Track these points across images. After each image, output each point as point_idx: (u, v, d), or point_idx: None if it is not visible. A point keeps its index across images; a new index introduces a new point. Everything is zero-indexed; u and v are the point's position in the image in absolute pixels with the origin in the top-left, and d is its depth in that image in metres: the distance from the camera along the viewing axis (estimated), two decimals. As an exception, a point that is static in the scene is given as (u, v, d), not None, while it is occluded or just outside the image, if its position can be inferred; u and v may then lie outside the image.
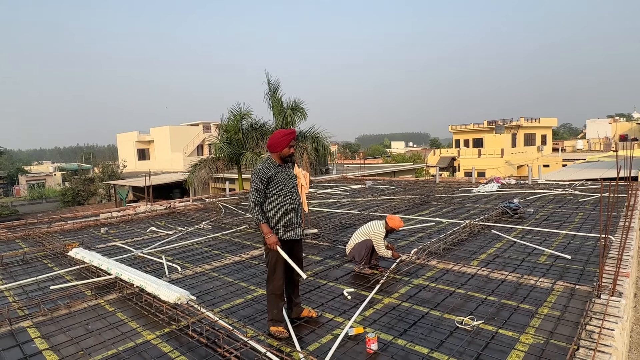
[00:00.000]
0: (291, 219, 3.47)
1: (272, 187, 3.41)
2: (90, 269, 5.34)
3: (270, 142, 3.48)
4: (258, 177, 3.38)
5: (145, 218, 10.22)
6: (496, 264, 5.12)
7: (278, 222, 3.43)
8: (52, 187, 46.64)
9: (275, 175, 3.41)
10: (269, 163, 3.46)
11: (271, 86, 17.93)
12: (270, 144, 3.48)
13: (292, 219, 3.48)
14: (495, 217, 7.86)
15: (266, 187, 3.41)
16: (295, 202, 3.49)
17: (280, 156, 3.48)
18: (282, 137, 3.43)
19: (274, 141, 3.45)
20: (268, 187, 3.41)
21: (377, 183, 16.07)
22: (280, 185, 3.43)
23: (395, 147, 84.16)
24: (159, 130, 41.14)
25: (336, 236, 6.88)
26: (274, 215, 3.42)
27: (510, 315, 3.60)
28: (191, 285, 4.76)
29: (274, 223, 3.42)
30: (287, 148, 3.45)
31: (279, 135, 3.45)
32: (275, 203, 3.43)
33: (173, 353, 3.20)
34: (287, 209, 3.44)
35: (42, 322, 3.90)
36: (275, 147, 3.45)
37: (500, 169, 31.79)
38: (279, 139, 3.43)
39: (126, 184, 27.70)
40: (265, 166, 3.43)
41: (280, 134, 3.47)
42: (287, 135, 3.45)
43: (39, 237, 7.99)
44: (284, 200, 3.43)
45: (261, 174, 3.38)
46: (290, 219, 3.46)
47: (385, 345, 3.18)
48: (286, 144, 3.44)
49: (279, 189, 3.42)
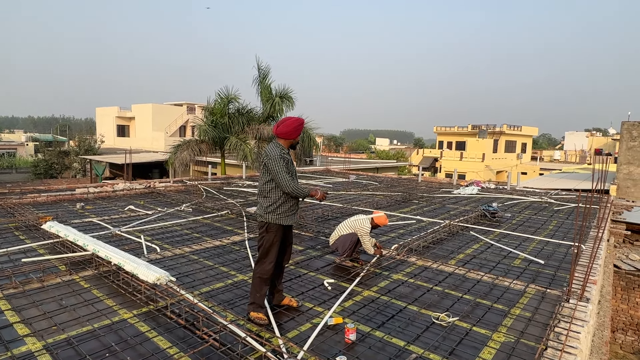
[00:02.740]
0: (293, 204, 3.52)
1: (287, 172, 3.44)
2: (65, 244, 5.20)
3: (284, 129, 3.48)
4: (282, 160, 3.39)
5: (123, 196, 9.99)
6: (473, 264, 5.26)
7: (280, 206, 3.44)
8: (23, 158, 44.84)
9: (289, 162, 3.48)
10: (282, 148, 3.48)
11: (261, 72, 17.71)
12: (284, 131, 3.48)
13: (293, 205, 3.52)
14: (474, 219, 8.06)
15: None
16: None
17: (291, 143, 3.55)
18: (298, 126, 3.51)
19: (291, 129, 3.48)
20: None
21: (360, 178, 16.18)
22: (291, 172, 3.48)
23: (380, 144, 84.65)
24: (141, 107, 40.09)
25: (319, 227, 6.91)
26: (276, 199, 3.43)
27: (484, 314, 3.72)
28: (170, 267, 4.70)
29: (276, 207, 3.43)
30: (297, 136, 3.56)
31: (295, 124, 3.51)
32: (280, 189, 3.44)
33: (150, 333, 3.16)
34: (289, 196, 3.47)
35: (13, 294, 3.79)
36: (291, 134, 3.49)
37: (480, 173, 32.53)
38: (295, 127, 3.50)
39: (103, 160, 26.91)
40: (282, 151, 3.46)
41: (296, 122, 3.53)
42: (301, 125, 3.58)
43: (10, 207, 7.70)
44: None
45: (284, 157, 3.43)
46: (292, 205, 3.51)
47: (363, 336, 3.23)
48: (299, 133, 3.55)
49: (288, 175, 3.45)
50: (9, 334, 3.07)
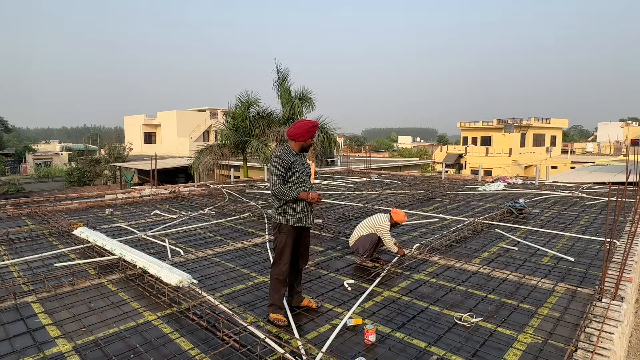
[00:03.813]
0: (304, 206, 3.49)
1: (289, 174, 3.43)
2: (94, 249, 5.40)
3: (294, 131, 3.48)
4: (280, 162, 3.39)
5: (149, 201, 10.29)
6: (498, 262, 5.10)
7: (291, 209, 3.45)
8: (58, 167, 47.05)
9: (294, 164, 3.44)
10: (288, 150, 3.47)
11: (280, 74, 17.85)
12: (295, 132, 3.47)
13: (305, 207, 3.50)
14: (500, 216, 7.83)
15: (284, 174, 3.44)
16: (308, 190, 3.52)
17: (302, 145, 3.52)
18: (309, 129, 3.48)
19: (302, 131, 3.46)
20: (285, 174, 3.43)
21: (382, 177, 16.03)
22: (296, 174, 3.45)
23: (403, 142, 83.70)
24: (166, 114, 41.19)
25: (339, 227, 6.89)
26: (285, 201, 3.44)
27: (510, 314, 3.60)
28: (193, 270, 4.80)
29: (287, 209, 3.44)
30: (310, 139, 3.52)
31: (307, 127, 3.47)
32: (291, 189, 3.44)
33: (173, 334, 3.24)
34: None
35: (46, 297, 3.96)
36: (301, 136, 3.47)
37: (507, 169, 31.56)
38: (307, 129, 3.47)
39: (132, 167, 27.84)
40: (285, 153, 3.44)
41: (307, 124, 3.50)
42: (313, 128, 3.52)
43: (45, 214, 8.08)
44: (298, 188, 3.45)
45: (283, 159, 3.40)
46: (303, 207, 3.49)
47: (383, 337, 3.19)
48: (311, 135, 3.51)
49: (295, 177, 3.45)
50: (41, 336, 3.21)
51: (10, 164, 47.18)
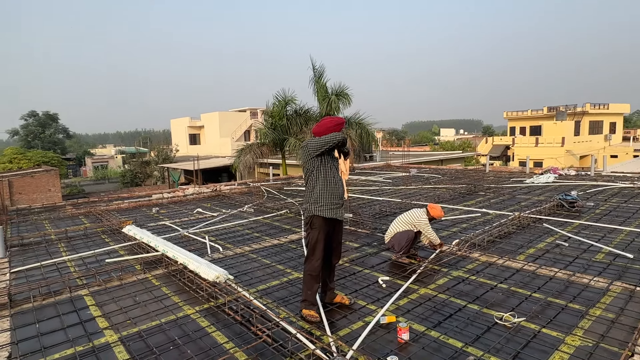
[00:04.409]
0: (334, 197, 3.48)
1: (322, 164, 3.46)
2: (141, 245, 5.72)
3: (318, 129, 3.49)
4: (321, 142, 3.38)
5: (193, 200, 10.73)
6: (545, 259, 4.79)
7: (320, 199, 3.45)
8: (113, 169, 50.42)
9: (323, 156, 3.46)
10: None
11: (316, 72, 17.87)
12: (318, 130, 3.49)
13: (335, 198, 3.49)
14: (549, 209, 7.35)
15: (312, 164, 3.46)
16: (338, 183, 3.52)
17: None
18: (333, 127, 3.46)
19: (325, 129, 3.46)
20: (319, 163, 3.45)
21: (422, 171, 15.62)
22: (326, 167, 3.47)
23: (445, 135, 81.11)
24: (209, 116, 42.72)
25: (375, 224, 6.80)
26: (318, 191, 3.45)
27: (557, 315, 3.36)
28: (230, 265, 4.94)
29: (317, 199, 3.45)
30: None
31: (330, 124, 3.46)
32: (320, 181, 3.46)
33: (210, 328, 3.35)
34: (332, 186, 3.47)
35: (97, 291, 4.25)
36: (324, 134, 3.46)
37: (560, 159, 29.60)
38: (330, 127, 3.45)
39: (178, 167, 29.19)
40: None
41: (331, 122, 3.48)
42: (338, 126, 3.48)
43: (99, 214, 8.67)
44: (329, 179, 3.46)
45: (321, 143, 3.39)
46: (333, 198, 3.48)
47: (417, 336, 3.11)
48: (338, 132, 3.47)
49: (328, 167, 3.47)
50: (92, 327, 3.45)
51: (72, 168, 51.19)
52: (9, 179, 20.46)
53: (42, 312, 3.76)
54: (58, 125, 49.86)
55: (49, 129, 48.39)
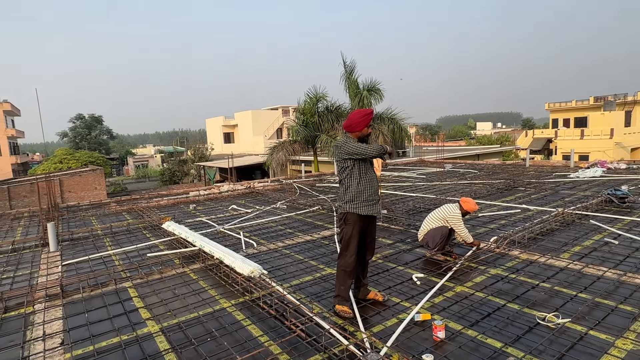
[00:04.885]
0: (369, 194, 3.46)
1: (354, 162, 3.44)
2: (179, 241, 5.94)
3: (349, 122, 3.48)
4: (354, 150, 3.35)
5: (228, 197, 11.01)
6: (593, 257, 4.52)
7: (356, 196, 3.43)
8: (153, 168, 52.66)
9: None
10: (351, 140, 3.47)
11: (347, 67, 17.78)
12: (349, 124, 3.47)
13: (370, 194, 3.47)
14: (596, 205, 6.93)
15: (346, 162, 3.44)
16: (373, 179, 3.50)
17: (359, 136, 3.49)
18: (362, 118, 3.44)
19: (354, 121, 3.45)
20: (349, 161, 3.44)
21: (457, 166, 15.17)
22: (360, 165, 3.45)
23: (481, 129, 78.32)
24: (242, 114, 43.61)
25: (409, 220, 6.68)
26: (353, 188, 3.43)
27: (606, 316, 3.17)
28: (264, 261, 5.03)
29: (353, 197, 3.43)
30: (365, 128, 3.47)
31: (359, 116, 3.45)
32: (355, 178, 3.44)
33: (245, 321, 3.42)
34: (365, 184, 3.45)
35: (139, 284, 4.45)
36: (355, 127, 3.45)
37: (608, 152, 27.78)
38: (359, 119, 3.44)
39: (213, 165, 30.04)
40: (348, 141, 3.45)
41: (359, 114, 3.46)
42: (367, 116, 3.45)
43: (140, 211, 9.08)
44: (364, 176, 3.45)
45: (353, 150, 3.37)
46: (369, 195, 3.46)
47: (454, 335, 3.03)
48: (365, 124, 3.45)
49: (361, 165, 3.45)
50: (135, 317, 3.62)
51: (115, 167, 53.95)
52: (59, 178, 21.88)
53: (91, 303, 3.99)
54: (102, 127, 52.71)
55: (95, 130, 51.25)
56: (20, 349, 3.15)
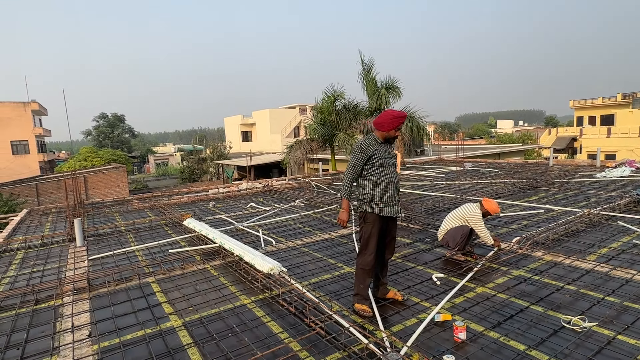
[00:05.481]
0: (389, 195, 3.44)
1: (373, 162, 3.43)
2: (200, 237, 6.04)
3: (379, 120, 3.48)
4: (360, 152, 3.42)
5: (246, 194, 11.13)
6: (621, 260, 4.38)
7: (376, 197, 3.42)
8: (173, 166, 53.68)
9: (377, 152, 3.43)
10: (372, 139, 3.48)
11: (365, 65, 17.70)
12: (379, 122, 3.47)
13: (390, 195, 3.45)
14: (624, 206, 6.69)
15: (365, 163, 3.45)
16: (394, 179, 3.47)
17: (385, 136, 3.48)
18: (393, 119, 3.42)
19: (384, 120, 3.44)
20: (368, 163, 3.44)
21: (477, 165, 14.91)
22: (380, 162, 3.44)
23: (502, 127, 76.63)
24: (260, 113, 43.96)
25: (428, 219, 6.61)
26: (372, 190, 3.43)
27: (635, 321, 3.07)
28: (283, 258, 5.07)
29: (372, 198, 3.43)
30: (394, 130, 3.45)
31: (390, 116, 3.43)
32: (374, 179, 3.44)
33: (265, 318, 3.46)
34: (385, 185, 3.43)
35: (162, 279, 4.56)
36: (384, 126, 3.44)
37: (636, 151, 26.79)
38: (390, 119, 3.42)
39: (232, 164, 30.44)
40: (368, 142, 3.46)
41: (392, 115, 3.45)
42: (398, 119, 3.43)
43: (162, 208, 9.28)
44: (383, 177, 3.43)
45: (363, 149, 3.42)
46: (389, 196, 3.44)
47: (475, 336, 2.99)
48: (394, 126, 3.43)
49: (380, 165, 3.44)
50: (158, 312, 3.71)
51: (136, 165, 55.30)
52: (84, 175, 22.55)
53: (116, 297, 4.11)
54: (125, 126, 54.09)
55: (117, 129, 52.65)
56: (51, 340, 3.27)
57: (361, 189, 3.50)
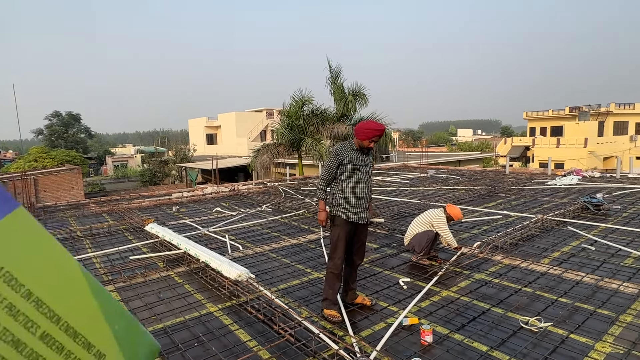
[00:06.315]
0: (357, 202, 3.48)
1: (344, 168, 3.47)
2: (163, 243, 5.82)
3: (358, 127, 3.51)
4: (334, 156, 3.48)
5: (211, 199, 10.87)
6: (571, 263, 4.68)
7: (343, 202, 3.47)
8: (133, 168, 51.48)
9: (350, 158, 3.47)
10: (348, 145, 3.53)
11: (332, 72, 17.89)
12: (357, 129, 3.51)
13: (358, 202, 3.48)
14: (573, 212, 7.17)
15: (337, 168, 3.49)
16: (364, 187, 3.51)
17: (359, 144, 3.51)
18: (368, 130, 3.44)
19: (361, 129, 3.47)
20: (340, 167, 3.48)
21: (440, 172, 15.44)
22: (351, 168, 3.47)
23: (462, 135, 79.87)
24: (226, 116, 43.18)
25: (394, 225, 6.76)
26: (340, 194, 3.47)
27: (585, 320, 3.28)
28: (251, 264, 4.99)
29: (340, 202, 3.47)
30: (367, 141, 3.46)
31: (367, 127, 3.46)
32: (343, 184, 3.48)
33: (233, 326, 3.39)
34: (353, 191, 3.47)
35: (122, 287, 4.35)
36: (359, 134, 3.48)
37: (582, 161, 28.80)
38: (365, 130, 3.45)
39: (195, 167, 29.62)
40: (343, 147, 3.50)
41: (369, 126, 3.46)
42: (374, 131, 3.43)
43: (122, 212, 8.86)
44: (352, 183, 3.47)
45: (337, 153, 3.47)
46: (356, 202, 3.48)
47: (441, 339, 3.08)
48: (368, 137, 3.44)
49: (350, 171, 3.47)
50: (118, 322, 3.53)
51: (93, 167, 52.47)
52: (34, 177, 21.11)
53: (71, 307, 3.87)
54: (80, 125, 51.23)
55: (72, 128, 49.79)
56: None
57: (331, 193, 3.53)
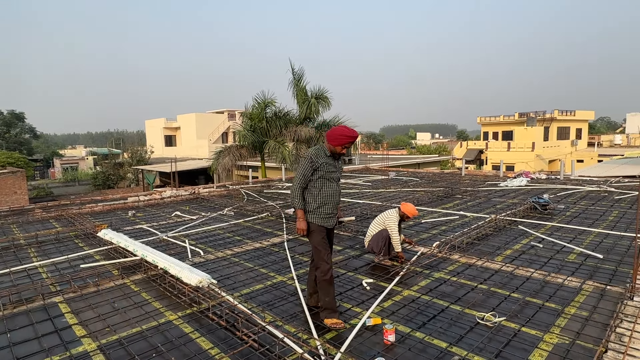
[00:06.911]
0: (328, 208, 3.50)
1: (318, 174, 3.45)
2: (118, 250, 5.54)
3: (330, 132, 3.48)
4: (309, 162, 3.41)
5: (170, 203, 10.49)
6: (522, 260, 4.96)
7: (315, 208, 3.47)
8: (84, 171, 48.58)
9: (324, 164, 3.45)
10: (322, 150, 3.49)
11: (295, 74, 17.88)
12: (329, 134, 3.47)
13: (329, 208, 3.50)
14: (523, 212, 7.62)
15: (311, 174, 3.45)
16: (334, 193, 3.53)
17: (331, 149, 3.49)
18: (340, 136, 3.42)
19: (334, 134, 3.45)
20: (314, 173, 3.45)
21: (400, 174, 15.86)
22: (325, 174, 3.46)
23: (421, 139, 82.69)
24: (185, 117, 41.94)
25: (357, 226, 6.85)
26: (312, 201, 3.46)
27: (535, 314, 3.49)
28: (213, 270, 4.86)
29: (311, 208, 3.46)
30: (340, 147, 3.45)
31: (339, 133, 3.43)
32: (316, 190, 3.46)
33: (194, 334, 3.28)
34: (325, 197, 3.47)
35: (72, 298, 4.08)
36: (332, 140, 3.45)
37: (530, 163, 30.72)
38: (338, 135, 3.43)
39: (153, 169, 28.48)
40: (317, 153, 3.46)
41: (342, 132, 3.43)
42: (346, 137, 3.42)
43: (71, 217, 8.34)
44: (325, 189, 3.47)
45: (312, 159, 3.41)
46: (327, 209, 3.49)
47: (403, 337, 3.15)
48: (340, 143, 3.43)
49: (323, 178, 3.46)
50: (68, 335, 3.31)
51: (39, 169, 49.01)
52: (-29, 180, 19.36)
53: (14, 321, 3.58)
54: (24, 125, 47.73)
55: (15, 128, 46.28)
56: None
57: (307, 199, 3.50)
